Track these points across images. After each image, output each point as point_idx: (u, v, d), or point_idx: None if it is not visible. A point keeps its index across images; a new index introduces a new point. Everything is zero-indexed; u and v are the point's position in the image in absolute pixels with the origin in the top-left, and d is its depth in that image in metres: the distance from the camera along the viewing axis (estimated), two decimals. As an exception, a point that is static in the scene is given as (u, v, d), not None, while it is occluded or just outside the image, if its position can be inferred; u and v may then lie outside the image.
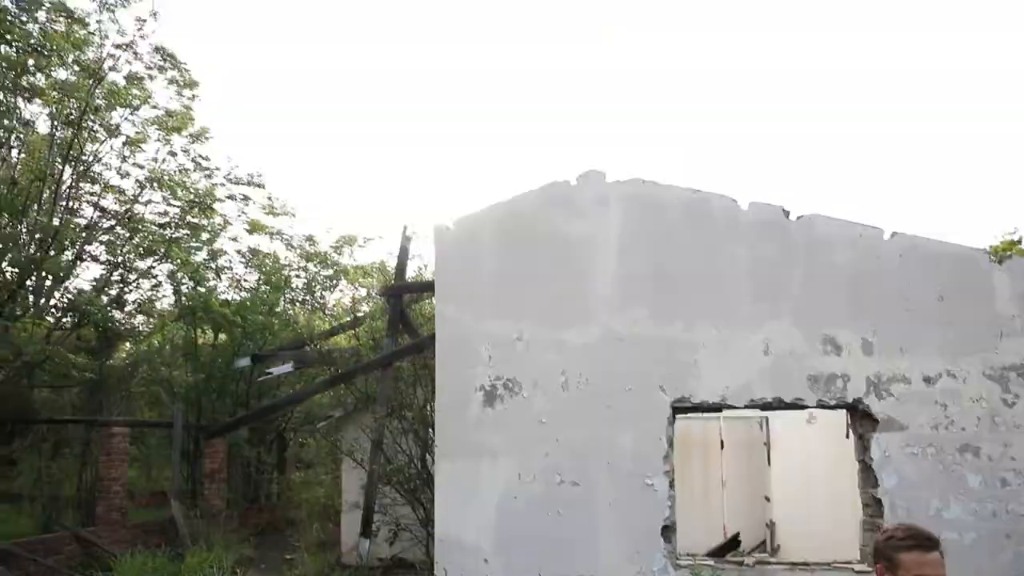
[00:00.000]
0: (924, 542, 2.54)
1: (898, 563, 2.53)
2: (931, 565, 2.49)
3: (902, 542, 2.55)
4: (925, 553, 2.51)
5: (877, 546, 2.64)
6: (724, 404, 6.92)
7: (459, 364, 7.32)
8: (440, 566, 7.10)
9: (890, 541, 2.59)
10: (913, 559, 2.51)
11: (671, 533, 6.80)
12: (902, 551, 2.54)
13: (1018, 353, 6.79)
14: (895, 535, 2.60)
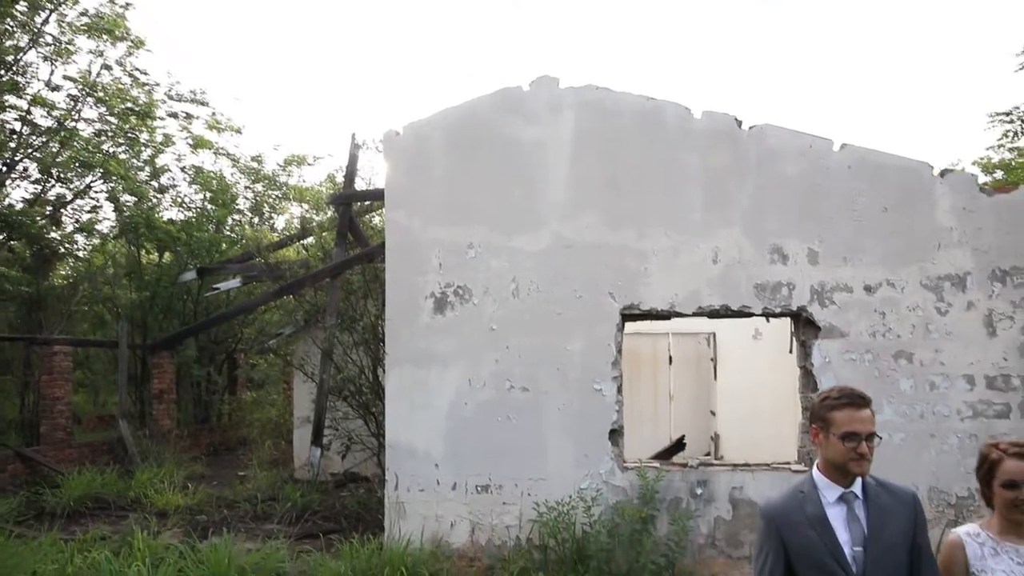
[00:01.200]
0: (856, 400, 2.60)
1: (831, 421, 2.60)
2: (861, 421, 2.56)
3: (836, 400, 2.62)
4: (857, 410, 2.58)
5: (812, 409, 2.71)
6: (673, 311, 7.01)
7: (409, 271, 7.24)
8: (391, 472, 7.16)
9: (825, 402, 2.66)
10: (845, 416, 2.57)
11: (619, 437, 6.96)
12: (835, 409, 2.60)
13: (953, 264, 6.99)
14: (829, 395, 2.66)
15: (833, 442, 2.58)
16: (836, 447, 2.57)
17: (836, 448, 2.57)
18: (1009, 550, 2.66)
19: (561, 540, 6.61)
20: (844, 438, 2.55)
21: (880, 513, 2.56)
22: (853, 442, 2.54)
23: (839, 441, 2.56)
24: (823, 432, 2.62)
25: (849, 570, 2.50)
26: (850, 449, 2.54)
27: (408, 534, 6.88)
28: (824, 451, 2.63)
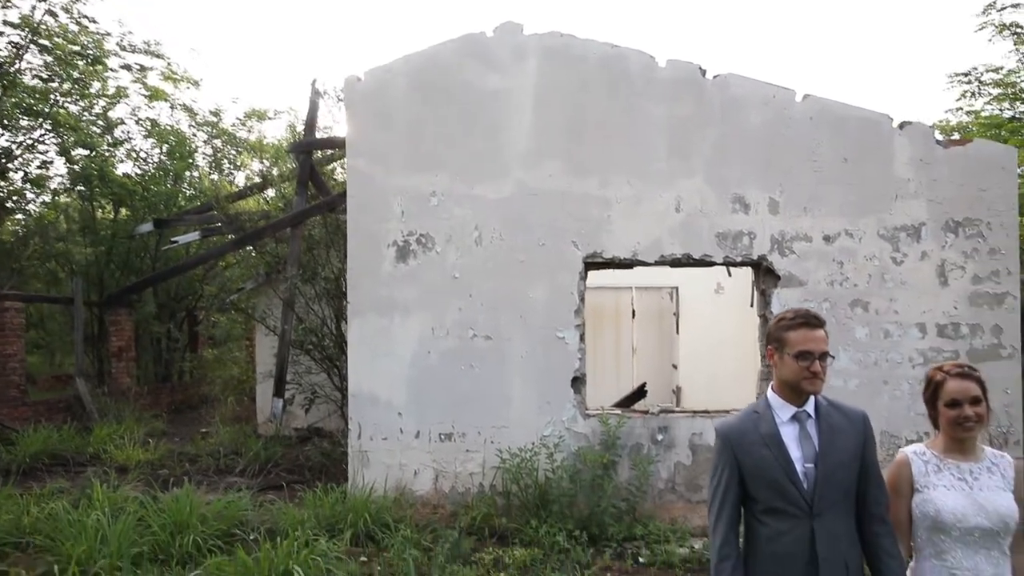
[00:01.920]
0: (811, 320, 2.64)
1: (786, 341, 2.63)
2: (815, 340, 2.60)
3: (791, 321, 2.65)
4: (811, 330, 2.62)
5: (768, 331, 2.74)
6: (635, 260, 7.04)
7: (371, 220, 7.15)
8: (354, 421, 7.15)
9: (780, 323, 2.69)
10: (799, 336, 2.61)
11: (581, 384, 7.02)
12: (790, 330, 2.64)
13: (909, 214, 7.11)
14: (785, 316, 2.69)
15: (788, 361, 2.62)
16: (790, 366, 2.61)
17: (790, 367, 2.61)
18: (951, 466, 2.75)
19: (524, 486, 6.68)
20: (798, 357, 2.59)
21: (831, 431, 2.62)
22: (807, 361, 2.58)
23: (793, 360, 2.60)
24: (778, 352, 2.66)
25: (800, 486, 2.56)
26: (804, 368, 2.58)
27: (372, 482, 6.90)
28: (779, 371, 2.67)
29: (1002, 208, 7.14)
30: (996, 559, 2.66)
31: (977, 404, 2.69)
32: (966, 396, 2.69)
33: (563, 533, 6.23)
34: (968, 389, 2.69)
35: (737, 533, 2.65)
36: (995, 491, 2.69)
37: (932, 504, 2.69)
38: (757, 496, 2.62)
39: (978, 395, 2.69)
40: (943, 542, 2.69)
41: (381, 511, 6.50)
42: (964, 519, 2.64)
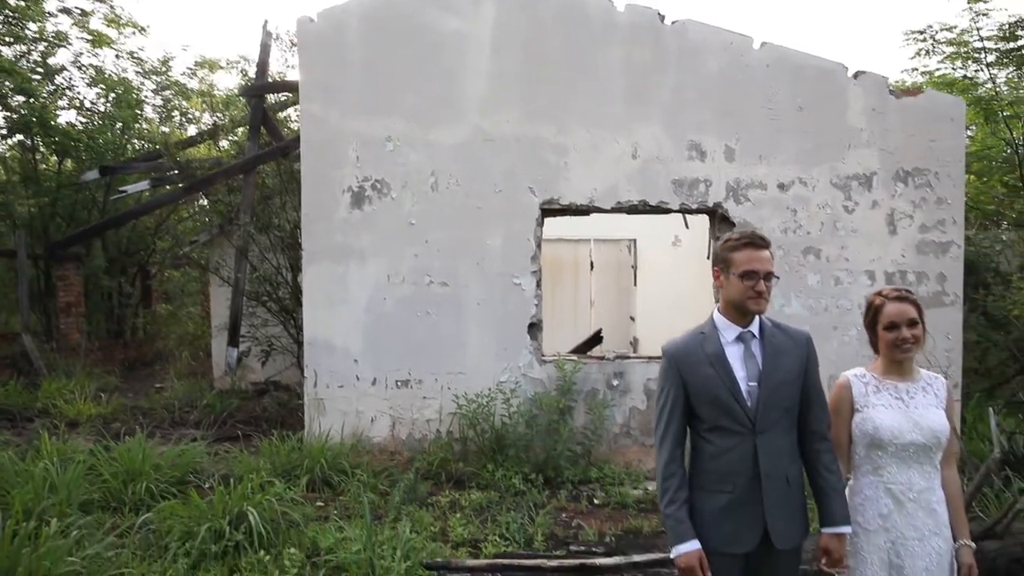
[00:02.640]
0: (756, 240, 2.67)
1: (732, 261, 2.65)
2: (760, 260, 2.63)
3: (737, 242, 2.67)
4: (756, 250, 2.64)
5: (715, 252, 2.76)
6: (592, 207, 7.05)
7: (325, 165, 7.01)
8: (310, 369, 7.09)
9: (726, 244, 2.71)
10: (745, 256, 2.64)
11: (537, 330, 7.05)
12: (736, 250, 2.66)
13: (861, 164, 7.21)
14: (731, 238, 2.71)
15: (733, 281, 2.64)
16: (736, 286, 2.64)
17: (736, 287, 2.64)
18: (889, 387, 2.82)
19: (480, 431, 6.74)
20: (743, 276, 2.61)
21: (774, 351, 2.66)
22: (751, 280, 2.61)
23: (738, 280, 2.62)
24: (724, 273, 2.68)
25: (744, 404, 2.61)
26: (748, 287, 2.61)
27: (328, 430, 6.88)
28: (725, 291, 2.70)
29: (950, 159, 7.28)
30: (928, 473, 2.76)
31: (914, 326, 2.76)
32: (903, 319, 2.75)
33: (519, 476, 6.31)
34: (905, 312, 2.76)
35: (683, 451, 2.70)
36: (929, 409, 2.78)
37: (871, 422, 2.77)
38: (702, 414, 2.66)
39: (915, 318, 2.76)
40: (880, 458, 2.77)
41: (338, 457, 6.49)
42: (900, 435, 2.73)
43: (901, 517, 2.73)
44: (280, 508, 5.21)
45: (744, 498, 2.59)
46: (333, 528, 5.03)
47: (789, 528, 2.62)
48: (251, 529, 4.81)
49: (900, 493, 2.74)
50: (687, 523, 2.62)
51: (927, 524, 2.72)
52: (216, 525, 4.81)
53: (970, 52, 14.32)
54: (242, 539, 4.77)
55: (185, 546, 4.70)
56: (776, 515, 2.59)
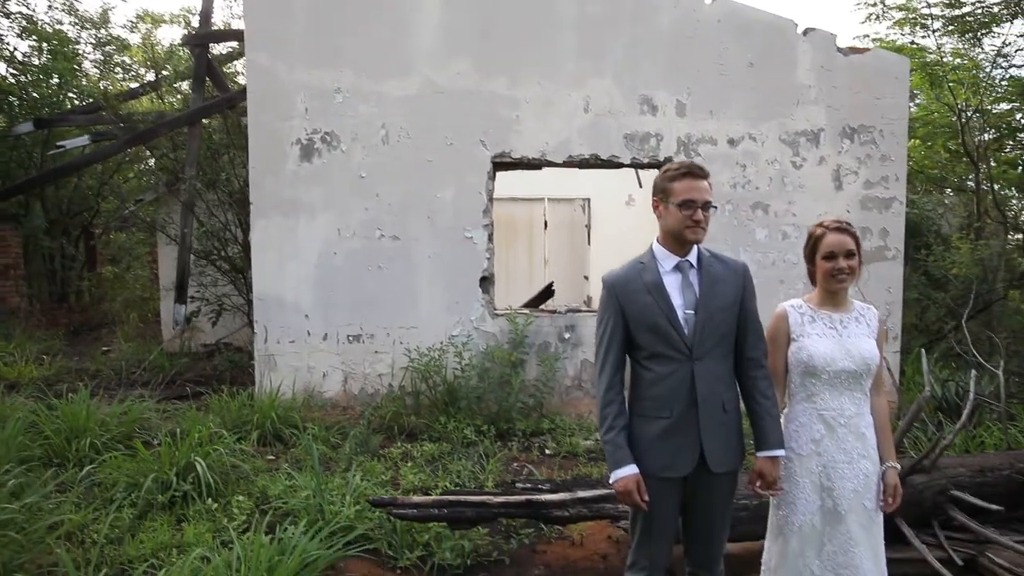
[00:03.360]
0: (696, 171, 2.70)
1: (671, 191, 2.68)
2: (699, 190, 2.67)
3: (676, 172, 2.70)
4: (695, 180, 2.68)
5: (654, 183, 2.78)
6: (544, 160, 7.04)
7: (273, 117, 6.86)
8: (260, 325, 7.00)
9: (666, 174, 2.74)
10: (684, 185, 2.67)
11: (489, 284, 7.06)
12: (675, 180, 2.69)
13: (809, 120, 7.32)
14: (670, 168, 2.74)
15: (672, 211, 2.67)
16: (674, 215, 2.66)
17: (674, 216, 2.67)
18: (824, 317, 2.90)
19: (433, 385, 6.75)
20: (682, 206, 2.64)
21: (712, 280, 2.71)
22: (690, 210, 2.64)
23: (677, 209, 2.65)
24: (663, 203, 2.71)
25: (681, 331, 2.65)
26: (687, 217, 2.65)
27: (279, 386, 6.81)
28: (664, 221, 2.72)
29: (894, 117, 7.43)
30: (858, 399, 2.85)
31: (851, 257, 2.83)
32: (842, 249, 2.83)
33: (471, 428, 6.35)
34: (844, 242, 2.83)
35: (622, 378, 2.74)
36: (861, 338, 2.86)
37: (805, 351, 2.84)
38: (641, 342, 2.70)
39: (852, 249, 2.83)
40: (814, 385, 2.86)
41: (289, 412, 6.45)
42: (832, 363, 2.81)
43: (832, 442, 2.83)
44: (230, 460, 5.17)
45: (681, 424, 2.65)
46: (283, 477, 5.02)
47: (725, 453, 2.69)
48: (199, 480, 4.78)
49: (832, 419, 2.83)
50: (625, 448, 2.67)
51: (856, 448, 2.83)
52: (163, 476, 4.76)
53: (918, 18, 14.56)
54: (190, 489, 4.73)
55: (131, 496, 4.65)
56: (712, 440, 2.66)
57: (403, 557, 3.96)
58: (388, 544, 4.09)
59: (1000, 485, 4.46)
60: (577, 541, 4.31)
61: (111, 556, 3.99)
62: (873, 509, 2.86)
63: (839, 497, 2.81)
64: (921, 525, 4.32)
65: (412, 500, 3.57)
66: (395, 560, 3.98)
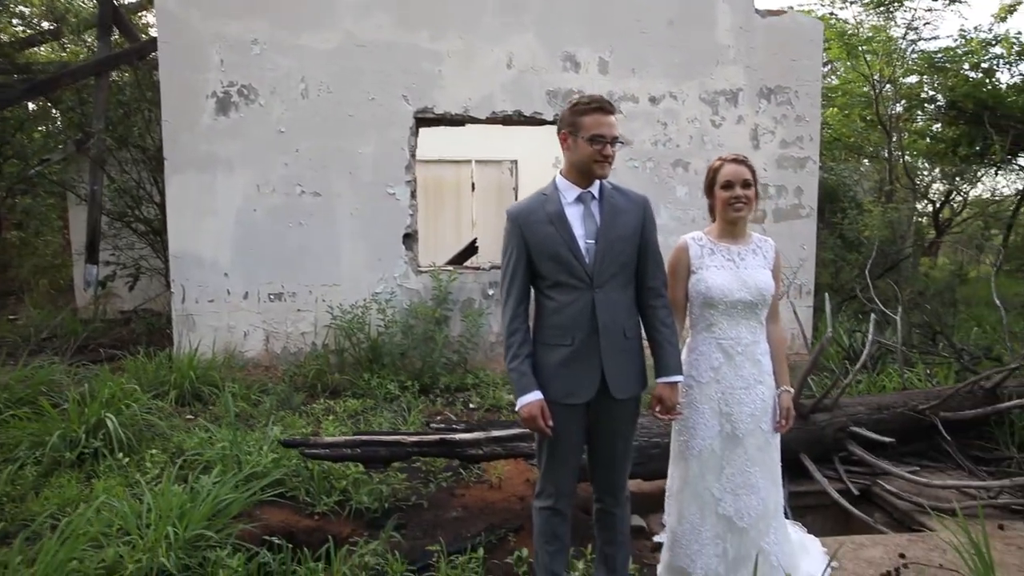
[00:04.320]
0: (605, 105, 2.72)
1: (580, 125, 2.69)
2: (608, 125, 2.70)
3: (587, 106, 2.70)
4: (604, 115, 2.70)
5: (562, 116, 2.77)
6: (467, 116, 7.00)
7: (187, 69, 6.62)
8: (177, 284, 6.81)
9: (575, 108, 2.73)
10: (594, 120, 2.68)
11: (412, 241, 7.03)
12: (585, 114, 2.70)
13: (728, 80, 7.47)
14: (580, 102, 2.73)
15: (581, 145, 2.69)
16: (584, 149, 2.69)
17: (584, 150, 2.69)
18: (722, 249, 3.00)
19: (356, 342, 6.71)
20: (592, 140, 2.67)
21: (612, 211, 2.76)
22: (599, 144, 2.67)
23: (587, 143, 2.67)
24: (572, 136, 2.71)
25: (582, 259, 2.70)
26: (596, 151, 2.68)
27: (198, 345, 6.66)
28: (571, 154, 2.74)
29: (808, 78, 7.65)
30: (754, 328, 2.97)
31: (747, 187, 2.92)
32: (738, 178, 2.91)
33: (395, 384, 6.35)
34: (740, 172, 2.92)
35: (526, 308, 2.78)
36: (757, 269, 2.97)
37: (704, 282, 2.93)
38: (543, 271, 2.74)
39: (749, 179, 2.92)
40: (712, 315, 2.95)
41: (209, 371, 6.31)
42: (729, 294, 2.91)
43: (730, 369, 2.94)
44: (145, 418, 5.05)
45: (583, 351, 2.70)
46: (200, 431, 4.93)
47: (626, 379, 2.76)
48: (110, 437, 4.65)
49: (730, 347, 2.94)
50: (529, 375, 2.71)
51: (752, 374, 2.94)
52: (71, 434, 4.62)
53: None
54: (100, 446, 4.60)
55: (35, 455, 4.49)
56: (613, 366, 2.72)
57: (320, 503, 3.95)
58: (306, 491, 4.07)
59: (895, 422, 4.72)
60: (496, 484, 4.37)
61: (11, 513, 3.87)
62: (769, 432, 2.99)
63: (737, 421, 2.93)
64: (823, 460, 4.55)
65: (324, 440, 3.56)
66: (313, 506, 3.97)
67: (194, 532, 3.31)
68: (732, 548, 2.96)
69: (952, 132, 12.94)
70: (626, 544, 3.02)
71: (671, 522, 3.06)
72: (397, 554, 3.39)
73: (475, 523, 3.85)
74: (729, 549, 2.96)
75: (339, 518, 3.91)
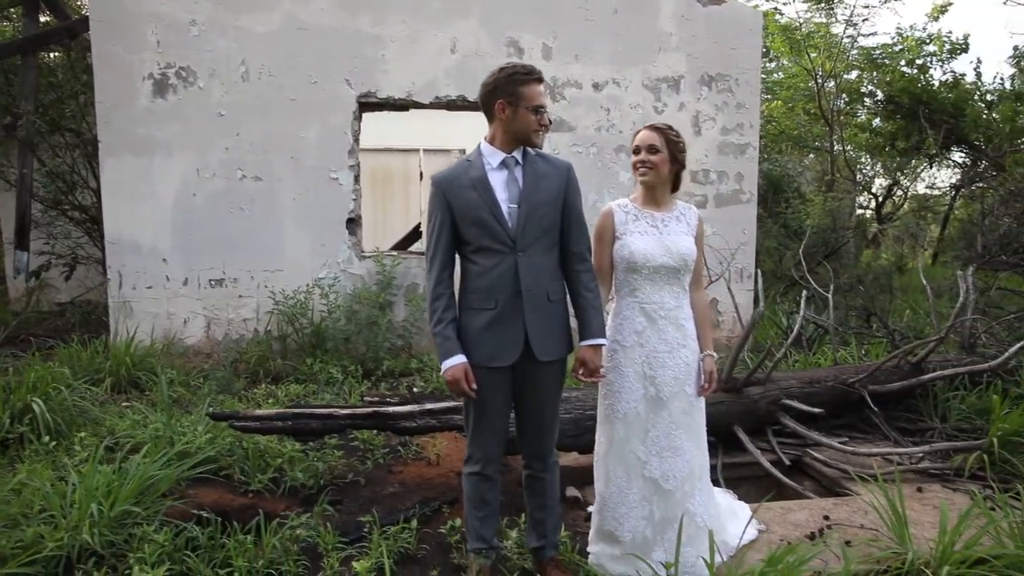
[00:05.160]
0: (540, 76, 2.76)
1: (522, 95, 2.71)
2: (544, 96, 2.75)
3: (527, 76, 2.72)
4: (540, 85, 2.75)
5: (496, 83, 2.73)
6: (410, 101, 6.98)
7: (121, 49, 6.46)
8: (113, 270, 6.66)
9: (513, 76, 2.72)
10: (534, 91, 2.72)
11: (356, 226, 6.98)
12: (527, 85, 2.72)
13: (670, 67, 7.58)
14: (516, 71, 2.74)
15: (523, 114, 2.71)
16: (526, 119, 2.71)
17: (525, 120, 2.71)
18: (646, 216, 3.05)
19: (299, 328, 6.64)
20: (535, 111, 2.70)
21: (535, 176, 2.79)
22: (539, 115, 2.71)
23: (529, 113, 2.70)
24: (512, 106, 2.71)
25: (505, 224, 2.73)
26: (536, 121, 2.71)
27: (135, 332, 6.52)
28: (510, 124, 2.73)
29: (748, 67, 7.80)
30: (676, 293, 3.03)
31: (653, 152, 2.97)
32: (644, 143, 2.98)
33: (339, 369, 6.30)
34: (648, 138, 2.98)
35: (451, 274, 2.80)
36: (679, 235, 3.03)
37: (628, 248, 2.98)
38: (467, 236, 2.76)
39: (655, 144, 2.97)
40: (636, 280, 3.01)
41: (147, 358, 6.18)
42: (652, 259, 2.96)
43: (654, 333, 2.99)
44: (77, 404, 4.93)
45: (506, 314, 2.73)
46: (133, 414, 4.83)
47: (550, 342, 2.80)
48: (37, 422, 4.53)
49: (653, 312, 2.99)
50: (453, 339, 2.73)
51: (676, 338, 3.00)
52: (-7, 420, 4.48)
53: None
54: (27, 431, 4.48)
55: (-49, 441, 4.35)
56: (536, 329, 2.75)
57: (255, 480, 3.91)
58: (240, 470, 4.02)
59: (826, 395, 4.86)
60: (434, 461, 4.38)
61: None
62: (693, 395, 3.05)
63: (661, 384, 2.99)
64: (757, 433, 4.66)
65: (254, 412, 3.53)
66: (247, 484, 3.92)
67: (120, 510, 3.25)
68: (659, 510, 3.02)
69: (890, 126, 13.33)
70: (555, 509, 3.06)
71: (599, 486, 3.10)
72: (329, 526, 3.38)
73: (412, 498, 3.85)
74: (656, 511, 3.02)
75: (274, 496, 3.87)
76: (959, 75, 12.95)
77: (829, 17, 14.20)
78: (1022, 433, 4.16)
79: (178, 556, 3.06)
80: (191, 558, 3.04)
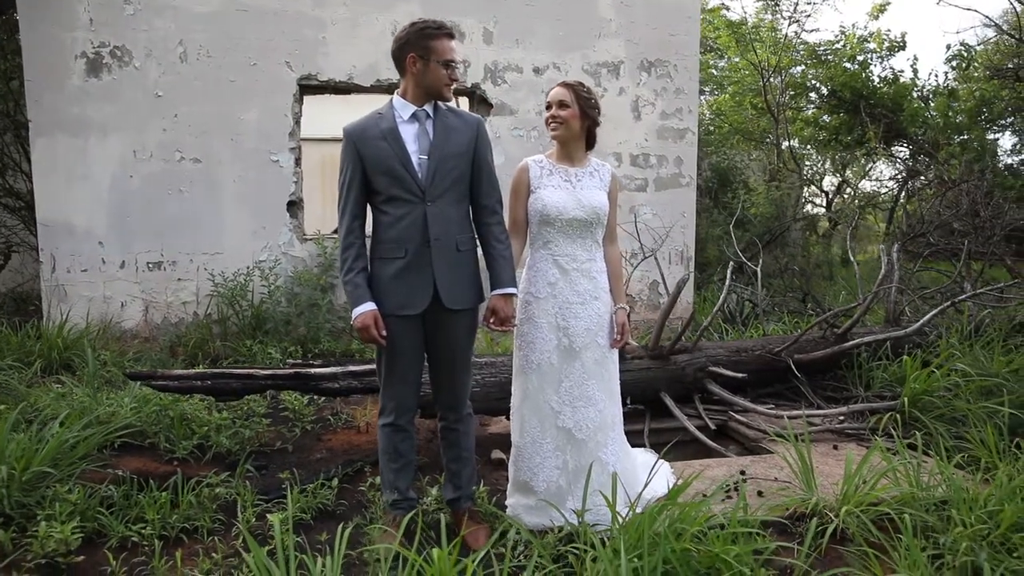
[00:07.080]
0: (452, 32, 2.80)
1: (434, 49, 2.74)
2: (456, 51, 2.79)
3: (438, 31, 2.76)
4: (451, 40, 2.79)
5: (408, 38, 2.75)
6: (352, 84, 6.98)
7: (52, 26, 6.35)
8: (46, 253, 6.53)
9: (426, 30, 2.73)
10: (446, 45, 2.76)
11: (297, 209, 6.96)
12: (438, 39, 2.75)
13: (609, 52, 7.70)
14: (428, 25, 2.76)
15: (434, 68, 2.74)
16: (437, 73, 2.75)
17: (437, 74, 2.75)
18: (560, 171, 3.13)
19: (239, 311, 6.60)
20: (445, 65, 2.74)
21: (445, 129, 2.84)
22: (450, 69, 2.76)
23: (440, 67, 2.74)
24: (423, 60, 2.74)
25: (415, 174, 2.77)
26: (447, 75, 2.76)
27: (68, 315, 6.40)
28: (421, 78, 2.76)
29: (687, 53, 7.96)
30: (589, 246, 3.11)
31: (563, 108, 3.05)
32: (555, 99, 3.06)
33: (279, 350, 6.27)
34: (558, 94, 3.06)
35: (362, 223, 2.84)
36: (592, 190, 3.11)
37: (541, 201, 3.05)
38: (378, 186, 2.80)
39: (565, 100, 3.05)
40: (549, 233, 3.08)
41: (80, 341, 6.08)
42: (565, 212, 3.04)
43: (566, 284, 3.06)
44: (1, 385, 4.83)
45: (415, 262, 2.78)
46: (58, 389, 4.76)
47: (459, 291, 2.85)
48: (-52, 396, 4.44)
49: (565, 264, 3.06)
50: (363, 287, 2.77)
51: (588, 289, 3.08)
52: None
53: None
54: (-65, 407, 4.38)
55: None
56: (446, 278, 2.80)
57: (180, 447, 3.89)
58: (166, 439, 4.00)
59: (753, 363, 4.99)
60: (363, 429, 4.41)
61: None
62: (605, 346, 3.12)
63: (574, 335, 3.06)
64: (685, 400, 4.77)
65: (173, 372, 3.51)
66: (172, 452, 3.90)
67: (33, 471, 3.22)
68: (572, 459, 3.08)
69: (834, 121, 13.67)
70: (470, 460, 3.11)
71: (515, 436, 3.15)
72: (249, 485, 3.39)
73: (338, 462, 3.87)
74: (569, 461, 3.08)
75: (199, 463, 3.87)
76: (897, 72, 13.36)
77: (774, 13, 14.53)
78: (930, 392, 4.34)
79: (91, 514, 3.04)
80: (104, 515, 3.02)
